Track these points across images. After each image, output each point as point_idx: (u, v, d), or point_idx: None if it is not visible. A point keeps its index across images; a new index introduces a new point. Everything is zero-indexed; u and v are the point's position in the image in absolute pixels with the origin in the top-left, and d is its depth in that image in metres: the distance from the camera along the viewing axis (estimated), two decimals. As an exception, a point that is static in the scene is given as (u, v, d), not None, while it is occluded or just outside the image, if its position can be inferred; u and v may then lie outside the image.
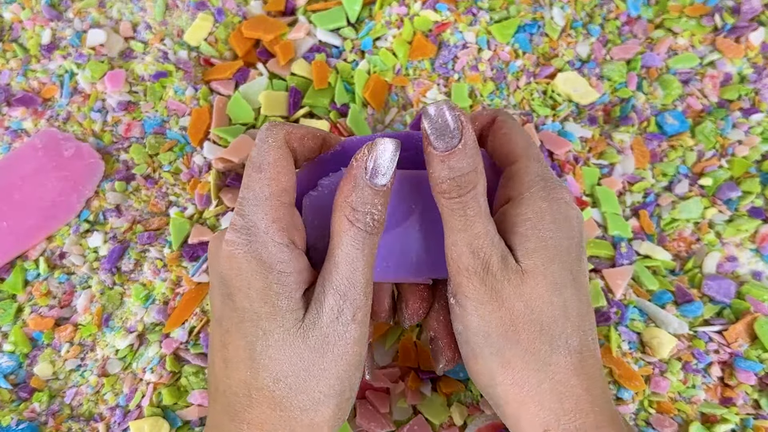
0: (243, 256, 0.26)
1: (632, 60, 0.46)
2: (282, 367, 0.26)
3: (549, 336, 0.27)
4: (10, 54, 0.47)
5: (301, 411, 0.27)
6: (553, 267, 0.27)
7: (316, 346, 0.26)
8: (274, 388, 0.27)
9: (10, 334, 0.39)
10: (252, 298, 0.26)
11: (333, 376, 0.27)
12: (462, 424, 0.36)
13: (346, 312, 0.26)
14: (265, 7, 0.48)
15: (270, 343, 0.26)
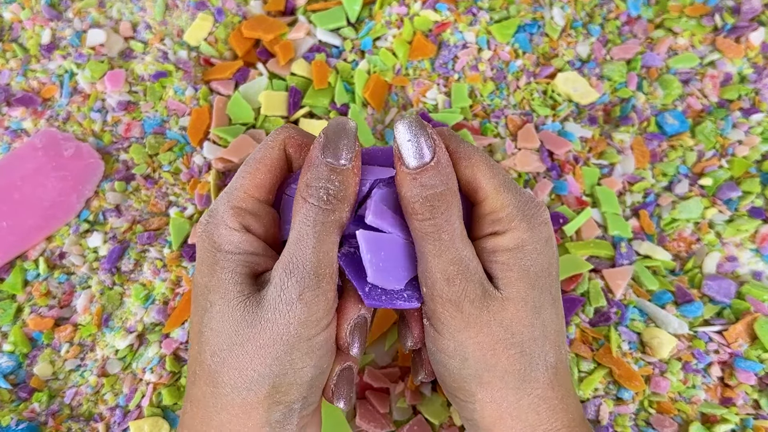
0: (200, 235, 0.28)
1: (632, 60, 0.46)
2: (219, 339, 0.26)
3: (529, 356, 0.27)
4: (9, 54, 0.47)
5: (232, 388, 0.26)
6: (534, 293, 0.27)
7: (254, 322, 0.26)
8: (211, 362, 0.26)
9: (9, 334, 0.39)
10: (203, 272, 0.27)
11: (269, 355, 0.25)
12: (462, 424, 0.36)
13: (291, 289, 0.25)
14: (264, 6, 0.48)
15: (213, 314, 0.26)
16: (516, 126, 0.44)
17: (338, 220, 0.26)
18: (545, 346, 0.27)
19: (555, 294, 0.28)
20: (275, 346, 0.26)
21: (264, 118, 0.44)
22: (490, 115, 0.45)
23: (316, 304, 0.25)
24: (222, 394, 0.26)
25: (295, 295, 0.25)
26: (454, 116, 0.43)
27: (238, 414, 0.26)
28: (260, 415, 0.26)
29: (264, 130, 0.44)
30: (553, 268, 0.28)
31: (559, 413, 0.27)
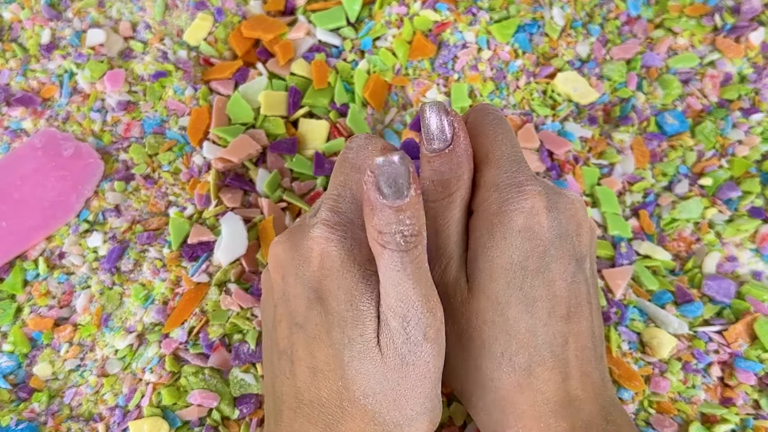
0: (337, 253, 0.25)
1: (632, 60, 0.46)
2: (369, 382, 0.26)
3: (490, 353, 0.27)
4: (9, 54, 0.47)
5: (396, 426, 0.26)
6: (497, 287, 0.26)
7: (396, 367, 0.25)
8: (365, 403, 0.26)
9: (9, 334, 0.39)
10: (340, 299, 0.25)
11: (421, 395, 0.26)
12: (462, 424, 0.36)
13: (415, 333, 0.24)
14: (264, 6, 0.48)
15: (354, 354, 0.25)
16: (516, 126, 0.44)
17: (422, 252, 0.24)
18: (510, 346, 0.26)
19: (533, 292, 0.26)
20: (423, 386, 0.26)
21: (264, 118, 0.44)
22: (489, 115, 0.45)
23: (440, 337, 0.25)
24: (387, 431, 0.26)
25: (421, 336, 0.25)
26: (453, 116, 0.43)
27: None
28: None
29: (264, 130, 0.44)
30: (530, 262, 0.26)
31: (528, 420, 0.26)
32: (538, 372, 0.26)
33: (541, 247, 0.26)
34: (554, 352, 0.26)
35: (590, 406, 0.27)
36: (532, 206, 0.26)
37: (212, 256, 0.40)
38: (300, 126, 0.44)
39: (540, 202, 0.26)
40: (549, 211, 0.26)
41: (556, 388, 0.26)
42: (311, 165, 0.42)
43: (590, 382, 0.27)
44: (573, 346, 0.27)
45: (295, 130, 0.44)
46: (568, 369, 0.27)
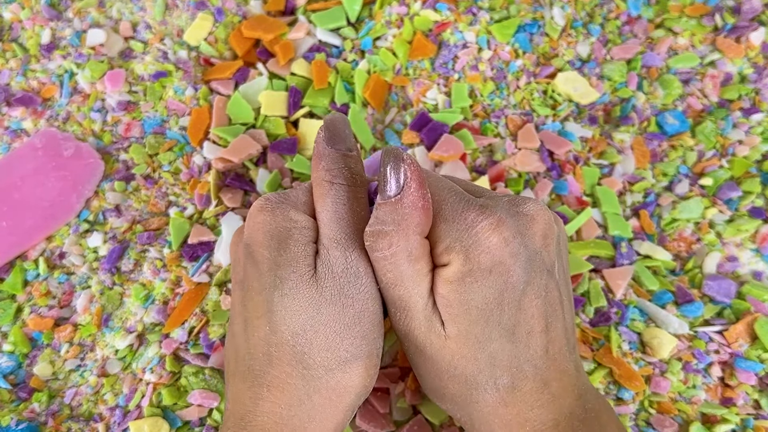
0: (271, 211, 0.27)
1: (632, 60, 0.46)
2: (299, 319, 0.25)
3: (474, 384, 0.27)
4: (9, 54, 0.47)
5: (326, 371, 0.25)
6: (476, 329, 0.26)
7: (332, 300, 0.25)
8: (294, 343, 0.25)
9: (9, 334, 0.39)
10: (272, 247, 0.26)
11: (358, 335, 0.25)
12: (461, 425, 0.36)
13: (356, 264, 0.26)
14: (264, 6, 0.48)
15: (285, 291, 0.25)
16: (516, 126, 0.44)
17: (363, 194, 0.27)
18: (494, 372, 0.27)
19: (511, 321, 0.26)
20: (361, 324, 0.26)
21: (264, 118, 0.44)
22: (490, 115, 0.45)
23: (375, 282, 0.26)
24: (314, 376, 0.26)
25: (362, 269, 0.26)
26: (454, 116, 0.43)
27: (331, 397, 0.26)
28: (351, 398, 0.26)
29: (264, 130, 0.44)
30: (505, 296, 0.26)
31: (514, 427, 0.27)
32: (521, 386, 0.27)
33: (514, 277, 0.25)
34: (536, 365, 0.27)
35: (569, 398, 0.27)
36: (496, 241, 0.25)
37: (212, 256, 0.40)
38: (300, 126, 0.44)
39: (501, 233, 0.25)
40: (513, 238, 0.25)
41: (539, 394, 0.27)
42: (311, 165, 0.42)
43: (567, 376, 0.28)
44: (551, 351, 0.27)
45: (296, 130, 0.44)
46: (548, 374, 0.27)
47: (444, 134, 0.42)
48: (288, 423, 0.26)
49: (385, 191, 0.25)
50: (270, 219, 0.27)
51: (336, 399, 0.26)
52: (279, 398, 0.26)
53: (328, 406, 0.26)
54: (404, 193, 0.24)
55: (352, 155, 0.27)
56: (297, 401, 0.26)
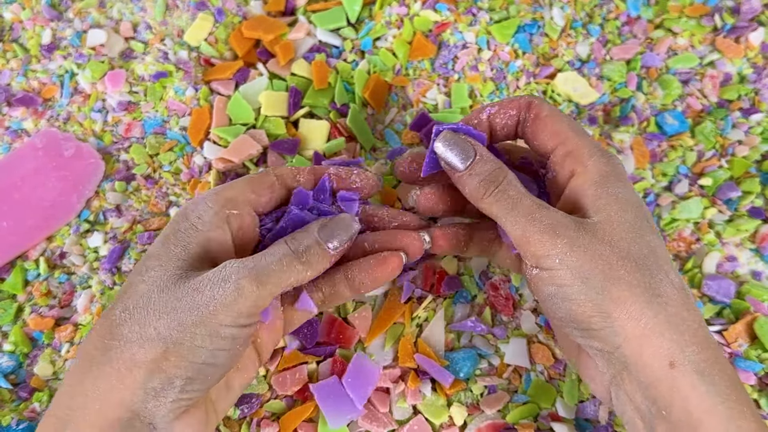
0: (191, 204, 0.29)
1: (632, 60, 0.46)
2: (138, 299, 0.27)
3: (647, 270, 0.27)
4: (10, 54, 0.47)
5: (125, 342, 0.26)
6: (628, 216, 0.28)
7: (181, 291, 0.26)
8: (118, 317, 0.27)
9: (10, 334, 0.39)
10: (157, 242, 0.29)
11: (176, 320, 0.26)
12: (462, 424, 0.36)
13: (232, 273, 0.26)
14: (265, 7, 0.49)
15: (144, 278, 0.27)
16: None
17: (300, 273, 0.29)
18: (662, 264, 0.27)
19: (652, 226, 0.29)
20: (188, 312, 0.26)
21: (264, 119, 0.44)
22: (490, 115, 0.45)
23: (246, 297, 0.26)
24: (113, 347, 0.26)
25: (234, 277, 0.26)
26: (454, 116, 0.43)
27: (120, 369, 0.26)
28: (140, 376, 0.26)
29: (264, 130, 0.44)
30: (641, 206, 0.29)
31: (701, 338, 0.26)
32: (689, 294, 0.28)
33: (638, 194, 0.30)
34: (679, 276, 0.28)
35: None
36: (620, 162, 0.30)
37: (213, 256, 0.40)
38: (300, 126, 0.44)
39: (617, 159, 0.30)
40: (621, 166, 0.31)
41: (696, 308, 0.28)
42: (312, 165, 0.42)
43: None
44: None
45: (296, 130, 0.44)
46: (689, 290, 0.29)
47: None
48: (76, 390, 0.26)
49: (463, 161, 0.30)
50: (182, 211, 0.29)
51: (124, 371, 0.26)
52: (78, 367, 0.27)
53: (114, 377, 0.26)
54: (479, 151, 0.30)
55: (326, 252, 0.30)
56: (88, 368, 0.26)
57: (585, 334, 0.28)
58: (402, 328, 0.39)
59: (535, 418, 0.37)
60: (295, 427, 0.36)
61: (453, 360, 0.37)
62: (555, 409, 0.37)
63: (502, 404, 0.36)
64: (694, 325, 0.27)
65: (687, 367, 0.26)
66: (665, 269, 0.27)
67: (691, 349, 0.26)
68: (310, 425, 0.36)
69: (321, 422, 0.36)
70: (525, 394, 0.37)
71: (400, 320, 0.39)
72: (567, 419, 0.36)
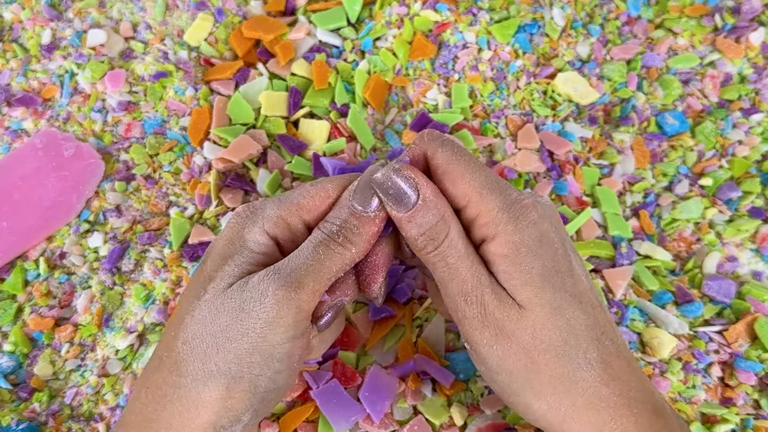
0: (232, 226, 0.28)
1: (632, 60, 0.46)
2: (196, 328, 0.26)
3: (566, 358, 0.27)
4: (10, 54, 0.47)
5: (193, 379, 0.26)
6: (546, 295, 0.26)
7: (231, 310, 0.26)
8: (181, 350, 0.26)
9: (10, 334, 0.39)
10: (213, 260, 0.28)
11: (232, 351, 0.25)
12: (462, 424, 0.36)
13: (268, 282, 0.25)
14: (265, 7, 0.48)
15: (201, 303, 0.26)
16: (516, 126, 0.44)
17: (342, 255, 0.27)
18: (580, 344, 0.27)
19: (574, 290, 0.27)
20: (240, 340, 0.25)
21: (264, 119, 0.44)
22: (490, 116, 0.45)
23: (287, 307, 0.25)
24: (183, 384, 0.26)
25: (271, 289, 0.25)
26: (454, 116, 0.43)
27: (190, 408, 0.26)
28: (209, 415, 0.26)
29: (264, 130, 0.44)
30: (561, 263, 0.27)
31: (622, 410, 0.26)
32: (611, 362, 0.27)
33: (559, 248, 0.27)
34: (613, 340, 0.27)
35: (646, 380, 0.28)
36: (536, 217, 0.27)
37: (213, 256, 0.40)
38: (300, 126, 0.44)
39: (537, 210, 0.27)
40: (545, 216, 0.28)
41: (629, 374, 0.27)
42: (311, 166, 0.42)
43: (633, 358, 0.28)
44: (616, 331, 0.28)
45: (296, 130, 0.44)
46: (625, 352, 0.28)
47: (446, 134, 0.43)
48: (149, 424, 0.26)
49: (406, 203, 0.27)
50: (228, 234, 0.28)
51: (193, 411, 0.26)
52: (149, 401, 0.27)
53: (185, 416, 0.26)
54: (423, 193, 0.27)
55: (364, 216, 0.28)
56: (161, 407, 0.26)
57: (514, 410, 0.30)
58: (403, 330, 0.39)
59: (536, 418, 0.37)
60: (295, 427, 0.36)
61: (453, 360, 0.37)
62: (555, 409, 0.37)
63: (502, 404, 0.36)
64: (613, 398, 0.26)
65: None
66: (583, 347, 0.27)
67: (608, 427, 0.26)
68: (310, 425, 0.36)
69: (321, 422, 0.36)
70: (525, 395, 0.37)
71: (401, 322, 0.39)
72: (567, 419, 0.36)
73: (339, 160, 0.42)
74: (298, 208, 0.28)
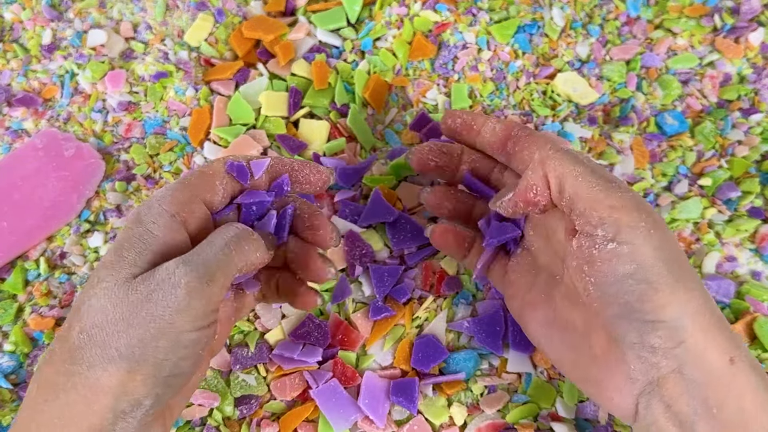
0: (136, 212, 0.28)
1: (632, 60, 0.46)
2: (94, 317, 0.25)
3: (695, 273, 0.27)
4: (10, 54, 0.47)
5: (89, 367, 0.25)
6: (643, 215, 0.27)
7: (135, 301, 0.25)
8: (76, 339, 0.25)
9: (10, 334, 0.39)
10: (111, 249, 0.27)
11: (136, 336, 0.25)
12: (462, 424, 0.36)
13: (180, 274, 0.25)
14: (265, 7, 0.49)
15: (97, 291, 0.26)
16: (516, 126, 0.44)
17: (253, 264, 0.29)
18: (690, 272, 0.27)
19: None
20: (145, 326, 0.25)
21: (264, 119, 0.44)
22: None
23: (199, 298, 0.25)
24: (76, 372, 0.25)
25: (183, 281, 0.25)
26: (454, 116, 0.43)
27: (86, 395, 0.25)
28: (108, 400, 0.25)
29: (264, 130, 0.44)
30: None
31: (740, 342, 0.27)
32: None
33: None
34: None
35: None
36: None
37: (213, 256, 0.40)
38: (300, 126, 0.44)
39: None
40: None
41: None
42: (312, 165, 0.43)
43: None
44: None
45: (296, 130, 0.45)
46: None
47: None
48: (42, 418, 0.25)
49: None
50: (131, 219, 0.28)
51: (91, 397, 0.25)
52: (41, 394, 0.26)
53: (81, 403, 0.25)
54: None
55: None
56: (53, 396, 0.25)
57: (647, 327, 0.26)
58: (402, 330, 0.39)
59: (535, 418, 0.37)
60: (295, 427, 0.36)
61: (453, 360, 0.37)
62: (555, 409, 0.37)
63: (502, 404, 0.37)
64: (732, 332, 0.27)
65: (744, 363, 0.26)
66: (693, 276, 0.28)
67: (738, 353, 0.26)
68: (310, 425, 0.36)
69: (321, 422, 0.36)
70: (525, 394, 0.37)
71: (401, 321, 0.39)
72: (567, 419, 0.36)
73: (339, 160, 0.42)
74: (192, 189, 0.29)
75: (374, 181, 0.42)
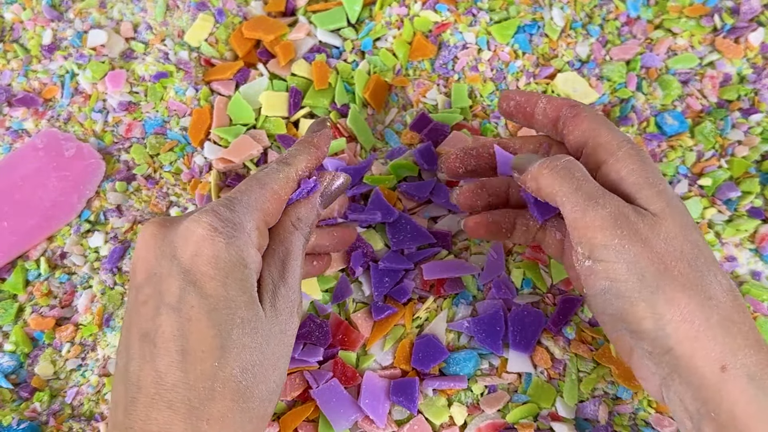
0: (225, 247, 0.27)
1: (632, 60, 0.46)
2: (252, 356, 0.27)
3: (699, 272, 0.27)
4: (11, 54, 0.47)
5: (260, 402, 0.27)
6: (676, 210, 0.28)
7: (278, 335, 0.28)
8: (241, 379, 0.26)
9: (11, 334, 0.39)
10: (230, 286, 0.26)
11: (283, 366, 0.29)
12: (462, 424, 0.36)
13: (295, 307, 0.29)
14: (265, 7, 0.49)
15: (247, 331, 0.27)
16: (516, 126, 0.44)
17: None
18: (710, 266, 0.27)
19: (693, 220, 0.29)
20: (286, 358, 0.29)
21: (264, 119, 0.44)
22: (490, 116, 0.45)
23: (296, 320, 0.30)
24: (250, 408, 0.27)
25: (296, 310, 0.29)
26: (454, 116, 0.43)
27: (259, 425, 0.28)
28: (264, 422, 0.28)
29: (264, 130, 0.44)
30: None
31: (753, 342, 0.26)
32: (737, 297, 0.27)
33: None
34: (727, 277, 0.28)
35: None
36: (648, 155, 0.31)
37: (213, 256, 0.40)
38: (301, 126, 0.44)
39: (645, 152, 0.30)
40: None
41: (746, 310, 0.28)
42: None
43: None
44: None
45: (296, 130, 0.45)
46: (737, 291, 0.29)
47: (453, 131, 0.43)
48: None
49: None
50: (223, 253, 0.27)
51: (261, 425, 0.28)
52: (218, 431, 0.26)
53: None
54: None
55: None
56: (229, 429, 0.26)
57: (635, 335, 0.28)
58: (403, 330, 0.39)
59: (535, 417, 0.37)
60: (295, 427, 0.36)
61: (453, 360, 0.38)
62: (555, 408, 0.37)
63: (502, 404, 0.37)
64: (745, 328, 0.26)
65: (738, 371, 0.26)
66: (713, 270, 0.27)
67: (743, 353, 0.26)
68: (310, 425, 0.36)
69: (321, 422, 0.36)
70: (525, 394, 0.37)
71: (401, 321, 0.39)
72: (567, 419, 0.36)
73: (339, 160, 0.42)
74: (265, 216, 0.29)
75: (374, 181, 0.42)
